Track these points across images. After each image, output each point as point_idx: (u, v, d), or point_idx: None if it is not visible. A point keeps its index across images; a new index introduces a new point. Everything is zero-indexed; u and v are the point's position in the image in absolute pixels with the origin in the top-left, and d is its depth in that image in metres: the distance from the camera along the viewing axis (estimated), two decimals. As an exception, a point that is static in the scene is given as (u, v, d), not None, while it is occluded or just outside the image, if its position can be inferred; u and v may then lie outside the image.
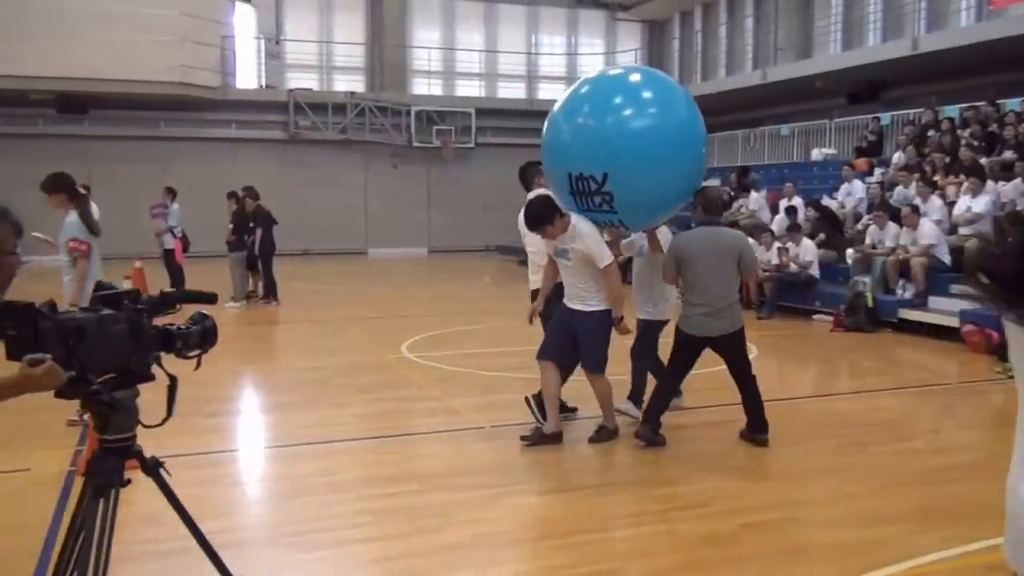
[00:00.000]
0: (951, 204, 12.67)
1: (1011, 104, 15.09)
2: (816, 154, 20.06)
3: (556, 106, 6.27)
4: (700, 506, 5.04)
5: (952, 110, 16.45)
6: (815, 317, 12.65)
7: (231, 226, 14.16)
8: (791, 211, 14.44)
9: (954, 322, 10.68)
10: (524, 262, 7.56)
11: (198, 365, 2.85)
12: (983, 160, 13.45)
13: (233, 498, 5.39)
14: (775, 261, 13.32)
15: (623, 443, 6.34)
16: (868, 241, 12.90)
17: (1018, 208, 11.64)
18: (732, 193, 17.36)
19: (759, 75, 21.34)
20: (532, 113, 27.16)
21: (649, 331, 6.90)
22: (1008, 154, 13.25)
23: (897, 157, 15.78)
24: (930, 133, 15.82)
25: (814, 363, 9.92)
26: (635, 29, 29.67)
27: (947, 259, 11.83)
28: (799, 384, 7.96)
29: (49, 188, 6.58)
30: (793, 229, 13.51)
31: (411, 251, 26.35)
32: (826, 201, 15.58)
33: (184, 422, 6.89)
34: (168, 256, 14.69)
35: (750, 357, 6.81)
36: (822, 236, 14.00)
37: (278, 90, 25.17)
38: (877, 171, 16.14)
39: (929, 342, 10.84)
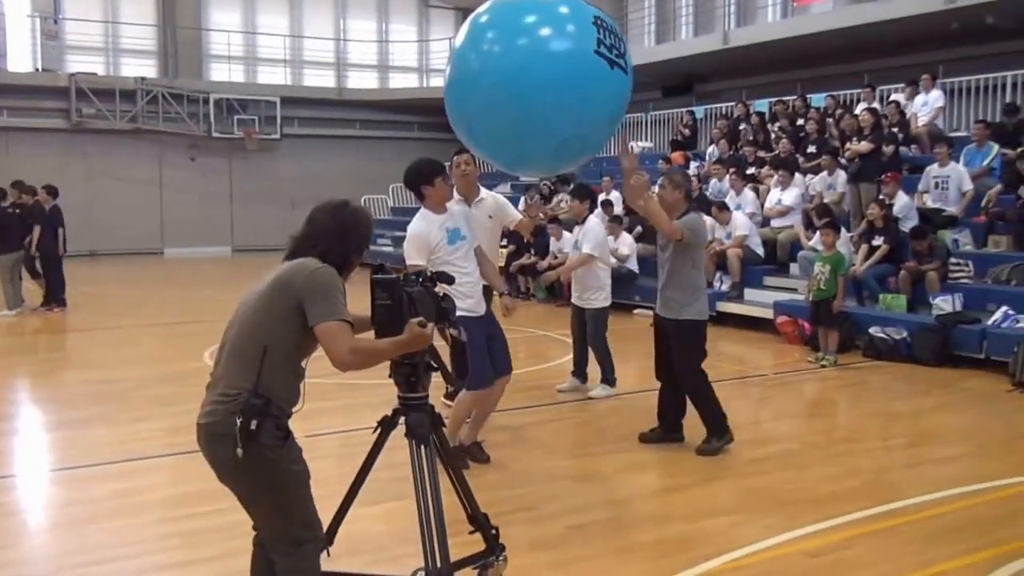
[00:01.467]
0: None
1: (816, 99, 16.17)
2: (633, 148, 20.77)
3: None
4: (527, 509, 5.12)
5: (762, 104, 17.46)
6: (635, 312, 13.11)
7: None
8: (608, 205, 14.88)
9: (768, 313, 11.34)
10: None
11: (460, 332, 3.52)
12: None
13: (8, 529, 5.02)
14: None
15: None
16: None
17: (825, 200, 12.49)
18: (551, 187, 17.72)
19: (575, 67, 21.88)
20: (342, 103, 26.85)
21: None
22: (812, 148, 14.19)
23: (711, 151, 16.59)
24: (742, 127, 16.72)
25: (636, 358, 10.24)
26: (449, 16, 29.78)
27: (760, 251, 12.54)
28: (622, 380, 8.22)
29: None
30: (613, 222, 13.93)
31: (212, 250, 25.43)
32: (644, 195, 16.16)
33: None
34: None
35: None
36: (639, 230, 14.52)
37: (57, 74, 23.62)
38: (693, 164, 16.91)
39: (745, 334, 11.46)
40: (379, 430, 3.58)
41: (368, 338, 3.27)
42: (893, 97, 14.49)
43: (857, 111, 13.79)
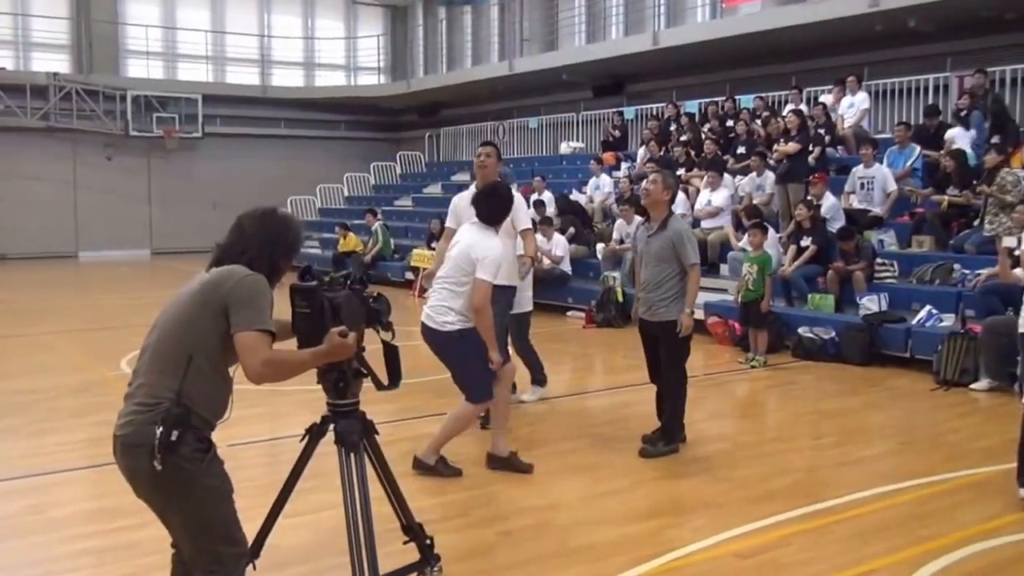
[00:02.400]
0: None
1: (745, 100, 16.43)
2: (564, 148, 20.92)
3: None
4: (458, 516, 5.10)
5: (692, 105, 17.69)
6: (568, 314, 13.18)
7: None
8: (540, 205, 14.94)
9: (699, 314, 11.46)
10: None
11: (393, 335, 3.45)
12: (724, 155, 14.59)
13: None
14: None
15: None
16: (616, 236, 13.61)
17: (754, 201, 12.69)
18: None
19: (505, 66, 21.95)
20: (266, 101, 26.52)
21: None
22: (741, 149, 14.43)
23: (642, 151, 16.75)
24: (672, 128, 16.92)
25: (568, 360, 10.33)
26: (377, 14, 29.63)
27: (691, 252, 12.68)
28: (553, 383, 8.25)
29: None
30: (544, 223, 13.98)
31: (131, 253, 24.88)
32: (575, 196, 16.29)
33: None
34: None
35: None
36: (572, 231, 14.61)
37: (-38, 69, 22.98)
38: (624, 165, 17.07)
39: (676, 335, 11.57)
40: (307, 438, 3.51)
41: (287, 349, 3.19)
42: (821, 99, 14.79)
43: (784, 112, 14.05)
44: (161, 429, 2.93)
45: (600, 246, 14.05)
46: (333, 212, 24.07)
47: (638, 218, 13.22)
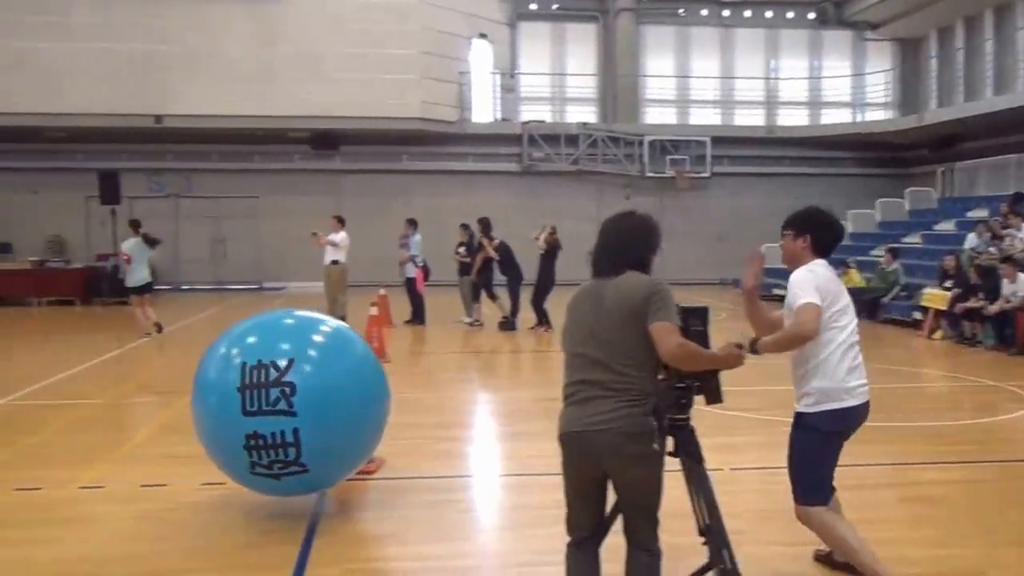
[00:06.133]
0: None
1: None
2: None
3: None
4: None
5: None
6: None
7: (462, 250, 15.74)
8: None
9: None
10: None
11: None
12: None
13: (465, 524, 5.53)
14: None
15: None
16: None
17: None
18: (1002, 222, 16.08)
19: (1031, 93, 19.72)
20: (771, 141, 26.53)
21: None
22: None
23: None
24: None
25: None
26: (885, 49, 28.25)
27: None
28: None
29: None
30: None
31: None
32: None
33: (415, 446, 7.17)
34: (410, 284, 15.47)
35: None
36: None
37: (512, 123, 25.86)
38: None
39: None
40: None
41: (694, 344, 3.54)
42: None
43: None
44: (655, 419, 3.42)
45: None
46: (838, 249, 23.28)
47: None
